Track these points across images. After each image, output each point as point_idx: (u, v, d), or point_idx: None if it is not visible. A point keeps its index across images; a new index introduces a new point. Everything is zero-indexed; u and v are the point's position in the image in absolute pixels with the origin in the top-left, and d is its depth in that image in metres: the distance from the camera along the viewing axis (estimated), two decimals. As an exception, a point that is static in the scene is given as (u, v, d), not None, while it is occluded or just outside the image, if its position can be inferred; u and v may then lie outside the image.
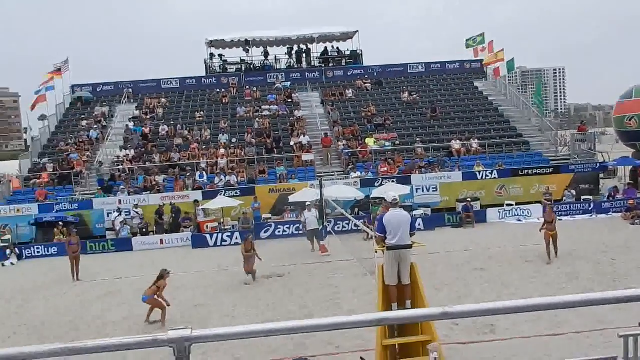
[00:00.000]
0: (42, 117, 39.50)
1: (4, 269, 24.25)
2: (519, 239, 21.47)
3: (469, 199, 27.40)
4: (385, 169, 29.83)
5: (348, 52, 43.66)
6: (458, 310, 2.76)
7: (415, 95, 38.41)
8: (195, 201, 27.60)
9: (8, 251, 25.62)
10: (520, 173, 29.09)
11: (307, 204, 22.97)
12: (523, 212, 27.15)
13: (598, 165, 30.52)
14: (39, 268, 23.28)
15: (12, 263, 25.06)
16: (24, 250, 26.18)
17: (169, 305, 14.01)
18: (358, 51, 43.24)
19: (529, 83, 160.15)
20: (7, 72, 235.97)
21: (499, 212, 27.26)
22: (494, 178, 28.92)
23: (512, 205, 27.74)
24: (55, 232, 26.67)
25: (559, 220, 21.10)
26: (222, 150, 32.20)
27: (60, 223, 26.79)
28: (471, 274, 16.59)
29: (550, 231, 17.78)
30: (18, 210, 28.19)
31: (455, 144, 32.06)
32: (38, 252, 26.22)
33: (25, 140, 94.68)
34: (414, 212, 25.39)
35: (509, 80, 48.28)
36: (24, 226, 27.86)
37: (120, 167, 31.64)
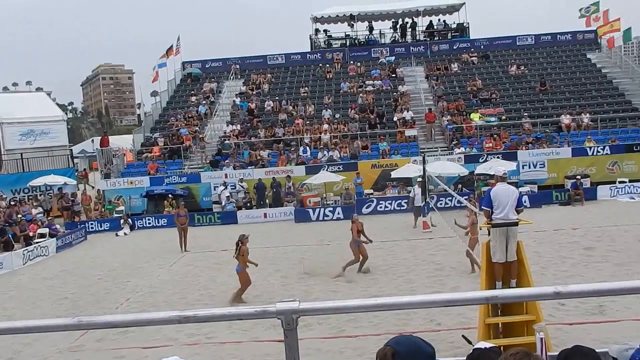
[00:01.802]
0: (154, 93, 41.42)
1: (118, 239, 25.55)
2: (632, 217, 20.41)
3: (579, 176, 26.23)
4: (491, 144, 29.07)
5: (454, 25, 42.62)
6: (571, 290, 2.67)
7: (523, 69, 36.98)
8: (288, 177, 28.16)
9: (122, 221, 26.97)
10: (635, 149, 27.53)
11: (418, 179, 22.79)
12: (637, 190, 25.71)
13: None
14: (149, 238, 24.44)
15: (125, 233, 26.34)
16: (136, 221, 27.48)
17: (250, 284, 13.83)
18: (464, 24, 42.14)
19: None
20: (122, 49, 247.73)
21: (611, 190, 26.05)
22: (606, 154, 27.56)
23: (624, 182, 26.33)
24: (165, 204, 28.00)
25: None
26: (325, 126, 32.48)
27: (170, 195, 28.08)
28: (580, 254, 15.91)
29: None
30: (131, 182, 29.68)
31: (565, 119, 30.64)
32: (149, 223, 27.52)
33: (139, 115, 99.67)
34: (520, 189, 24.60)
35: (624, 51, 45.42)
36: (136, 198, 29.33)
37: (227, 141, 32.59)
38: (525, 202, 22.57)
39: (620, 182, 26.41)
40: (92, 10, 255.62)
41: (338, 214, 25.88)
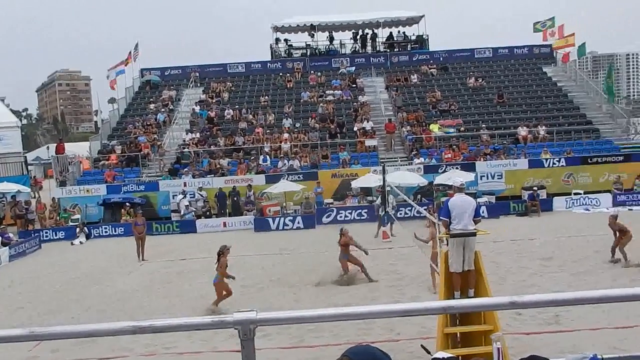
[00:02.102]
0: (112, 100, 40.64)
1: (73, 248, 24.97)
2: (587, 228, 20.88)
3: (535, 187, 26.76)
4: (449, 155, 29.47)
5: (414, 37, 43.15)
6: (527, 300, 2.72)
7: (481, 81, 37.65)
8: (249, 185, 28.00)
9: (77, 230, 26.40)
10: (590, 161, 28.26)
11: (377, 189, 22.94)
12: (591, 201, 26.37)
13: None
14: (106, 247, 23.95)
15: (80, 242, 25.76)
16: (92, 230, 26.92)
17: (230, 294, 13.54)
18: (424, 36, 42.68)
19: (600, 68, 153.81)
20: (79, 55, 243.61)
21: (566, 201, 26.67)
22: (562, 166, 28.22)
23: (580, 194, 26.98)
24: (122, 213, 27.51)
25: (629, 210, 20.57)
26: (285, 135, 32.46)
27: (127, 204, 27.59)
28: (536, 264, 16.20)
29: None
30: (87, 190, 29.01)
31: (522, 131, 31.32)
32: (105, 232, 26.99)
33: (96, 122, 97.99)
34: (478, 200, 24.99)
35: (579, 65, 46.69)
36: (92, 206, 28.70)
37: (186, 150, 32.27)
38: (482, 212, 22.99)
39: (575, 194, 27.02)
40: (48, 15, 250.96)
41: (298, 223, 25.86)
